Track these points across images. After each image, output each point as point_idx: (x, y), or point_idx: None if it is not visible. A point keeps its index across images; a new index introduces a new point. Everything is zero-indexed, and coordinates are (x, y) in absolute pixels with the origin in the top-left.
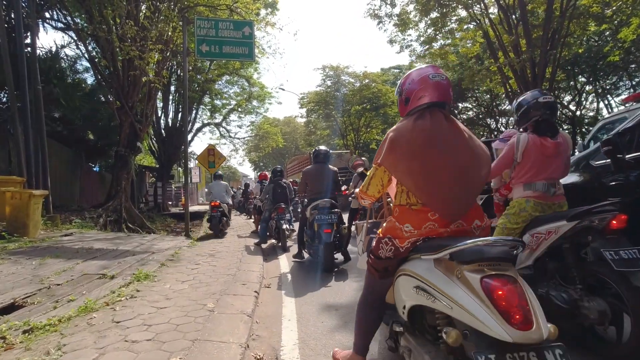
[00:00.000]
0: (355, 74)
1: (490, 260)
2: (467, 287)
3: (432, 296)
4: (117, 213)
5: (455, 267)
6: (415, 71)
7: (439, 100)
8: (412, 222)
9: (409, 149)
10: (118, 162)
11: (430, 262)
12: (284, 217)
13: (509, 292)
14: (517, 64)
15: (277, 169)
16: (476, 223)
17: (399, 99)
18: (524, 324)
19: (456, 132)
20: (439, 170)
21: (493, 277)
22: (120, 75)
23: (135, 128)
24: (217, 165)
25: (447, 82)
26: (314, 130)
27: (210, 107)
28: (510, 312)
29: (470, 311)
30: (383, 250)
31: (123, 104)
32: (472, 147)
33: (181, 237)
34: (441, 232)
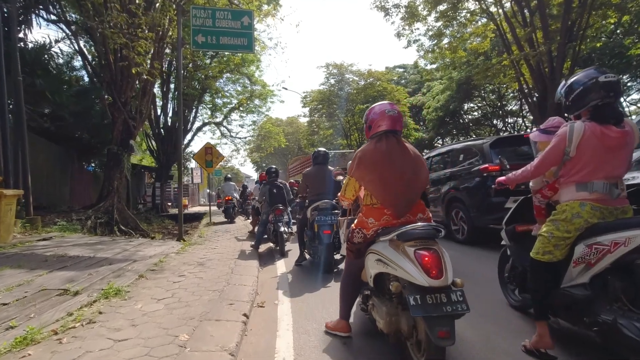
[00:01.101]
0: (360, 72)
1: (421, 238)
2: (406, 256)
3: (386, 265)
4: (109, 215)
5: (400, 244)
6: (377, 106)
7: (392, 129)
8: (374, 217)
9: (370, 165)
10: (110, 160)
11: (386, 242)
12: (282, 219)
13: (432, 258)
14: (533, 58)
15: (272, 169)
16: (419, 216)
17: (365, 125)
18: (437, 276)
19: (404, 152)
20: (391, 179)
21: (422, 249)
22: (112, 69)
23: (129, 125)
24: (215, 165)
25: (399, 115)
26: (317, 130)
27: (211, 105)
28: (430, 269)
29: (407, 270)
30: (356, 237)
31: (115, 100)
32: (415, 161)
33: (172, 242)
34: (394, 223)
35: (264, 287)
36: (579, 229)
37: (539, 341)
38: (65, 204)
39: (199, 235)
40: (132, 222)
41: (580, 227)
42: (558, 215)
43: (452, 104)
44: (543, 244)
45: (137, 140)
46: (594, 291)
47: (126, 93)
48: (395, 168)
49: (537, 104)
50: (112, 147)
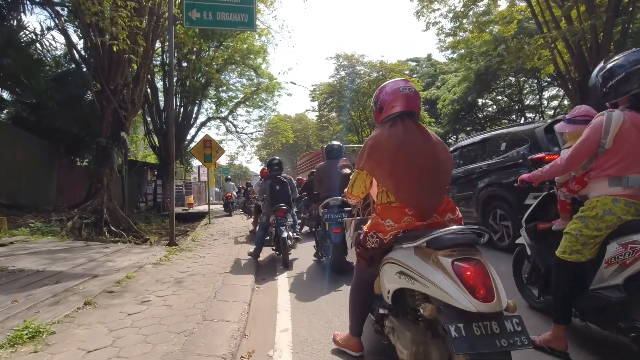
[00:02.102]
0: (372, 64)
1: (459, 246)
2: (440, 269)
3: (412, 279)
4: (97, 214)
5: (431, 253)
6: (389, 84)
7: (408, 110)
8: (392, 218)
9: (385, 154)
10: (99, 155)
11: (410, 250)
12: (285, 222)
13: (475, 272)
14: (573, 36)
15: (274, 160)
16: (449, 216)
17: (375, 107)
18: (486, 298)
19: (425, 137)
20: (412, 171)
21: (462, 260)
22: (100, 52)
23: (120, 116)
24: (215, 159)
25: (416, 94)
26: (327, 125)
27: (216, 99)
28: (476, 288)
29: (443, 288)
30: (370, 243)
31: (104, 87)
32: (438, 149)
33: (157, 248)
34: (418, 225)
35: (256, 322)
36: (611, 226)
37: (552, 341)
38: (50, 203)
39: (193, 239)
40: (125, 223)
41: (612, 225)
42: (587, 211)
43: (470, 96)
44: (570, 242)
45: (131, 133)
46: (630, 293)
47: (116, 80)
48: (417, 157)
49: (577, 89)
50: (101, 140)
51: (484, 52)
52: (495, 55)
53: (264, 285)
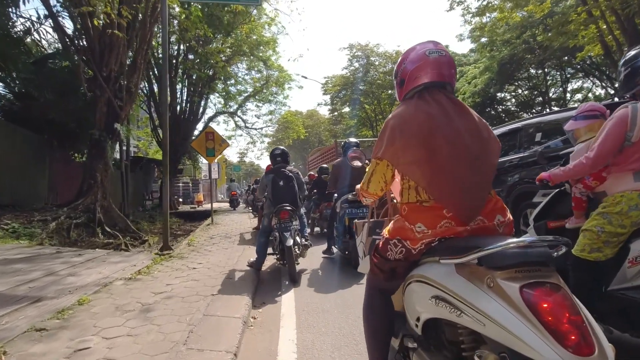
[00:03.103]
0: (387, 54)
1: (529, 265)
2: (502, 299)
3: (457, 309)
4: (90, 214)
5: (486, 274)
6: (412, 48)
7: (439, 80)
8: (424, 221)
9: (413, 138)
10: (92, 148)
11: (451, 267)
12: (289, 226)
13: (557, 304)
14: (626, 8)
15: (277, 151)
16: (499, 219)
17: (395, 81)
18: (582, 347)
19: (464, 115)
20: (450, 160)
21: (534, 287)
22: (91, 34)
23: (114, 106)
24: (218, 153)
25: (448, 58)
26: (340, 119)
27: (224, 93)
28: (563, 331)
29: (510, 329)
30: (392, 253)
31: (96, 74)
32: (482, 129)
33: (141, 256)
34: (460, 231)
35: None
36: (637, 222)
37: None
38: (41, 202)
39: (189, 243)
40: (122, 223)
41: (638, 221)
42: (611, 207)
43: (493, 87)
44: (591, 240)
45: (133, 127)
46: None
47: (109, 66)
48: (454, 140)
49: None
50: (94, 132)
51: (506, 40)
52: (521, 43)
53: (262, 311)
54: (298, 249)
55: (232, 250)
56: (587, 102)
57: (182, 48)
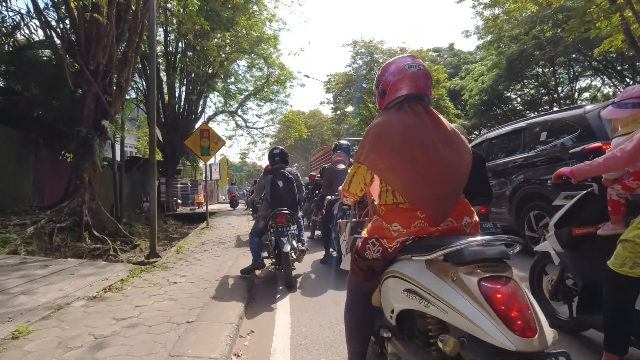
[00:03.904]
0: (391, 52)
1: (487, 261)
2: (463, 291)
3: (425, 300)
4: (76, 217)
5: (450, 269)
6: (392, 62)
7: (417, 92)
8: (400, 222)
9: (392, 146)
10: (80, 147)
11: (421, 263)
12: (287, 230)
13: (509, 295)
14: None
15: (275, 150)
16: (466, 220)
17: (377, 91)
18: (526, 330)
19: (438, 126)
20: (425, 168)
21: (491, 280)
22: (76, 23)
23: (103, 102)
24: (214, 152)
25: (425, 72)
26: (343, 118)
27: (224, 92)
28: (512, 317)
29: (468, 317)
30: (370, 252)
31: (82, 67)
32: (455, 141)
33: (119, 266)
34: (431, 231)
35: None
36: None
37: None
38: (25, 204)
39: (177, 250)
40: (111, 226)
41: None
42: None
43: (501, 84)
44: (633, 253)
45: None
46: None
47: (97, 59)
48: (429, 149)
49: None
50: (81, 129)
51: (514, 36)
52: (530, 38)
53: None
54: (294, 254)
55: (224, 258)
56: (635, 86)
57: (180, 45)
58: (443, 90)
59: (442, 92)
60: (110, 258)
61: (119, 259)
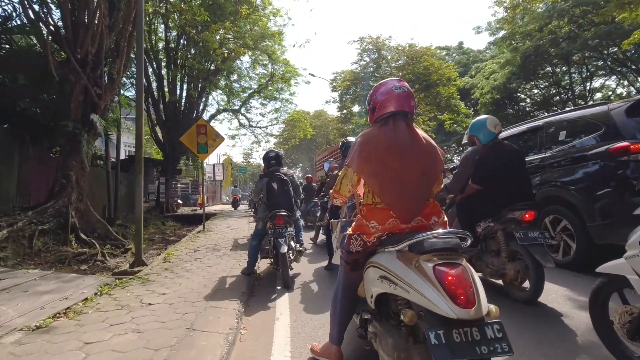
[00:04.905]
0: (399, 49)
1: (442, 250)
2: (422, 274)
3: (393, 284)
4: (61, 218)
5: (413, 258)
6: (381, 84)
7: (401, 110)
8: (377, 219)
9: (372, 153)
10: (66, 143)
11: (393, 253)
12: (284, 232)
13: (457, 277)
14: None
15: (271, 153)
16: (434, 219)
17: (368, 108)
18: (467, 304)
19: (415, 139)
20: (399, 172)
21: (444, 265)
22: (62, 6)
23: (92, 94)
24: (211, 150)
25: (409, 93)
26: (349, 117)
27: (227, 89)
28: (457, 294)
29: (424, 294)
30: (353, 246)
31: (69, 56)
32: (428, 150)
33: (89, 279)
34: (403, 227)
35: None
36: None
37: None
38: (8, 204)
39: (165, 258)
40: (101, 228)
41: None
42: None
43: (515, 82)
44: None
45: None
46: None
47: (85, 47)
48: (405, 158)
49: None
50: (67, 123)
51: (528, 33)
52: (547, 33)
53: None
54: (292, 254)
55: (216, 269)
56: None
57: (182, 42)
58: (454, 88)
59: (452, 91)
60: (97, 264)
61: (107, 264)
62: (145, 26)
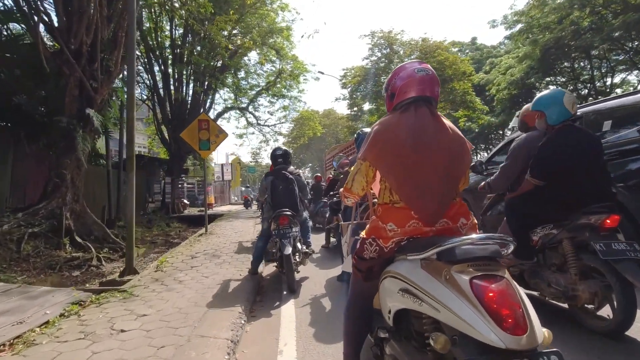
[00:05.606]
0: (412, 43)
1: (479, 259)
2: (455, 289)
3: (418, 299)
4: (54, 220)
5: (443, 268)
6: (400, 67)
7: (424, 95)
8: (395, 221)
9: (392, 144)
10: (61, 140)
11: (416, 262)
12: (289, 232)
13: (501, 293)
14: None
15: (278, 151)
16: (462, 221)
17: (386, 94)
18: (516, 328)
19: (440, 129)
20: (420, 168)
21: (483, 278)
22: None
23: (88, 88)
24: (214, 146)
25: (433, 76)
26: (359, 114)
27: (235, 87)
28: (502, 315)
29: (459, 315)
30: (367, 252)
31: (62, 47)
32: (455, 141)
33: (59, 295)
34: (426, 231)
35: None
36: None
37: None
38: (1, 204)
39: (158, 266)
40: (99, 231)
41: None
42: None
43: (534, 76)
44: None
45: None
46: None
47: (79, 37)
48: (428, 149)
49: None
50: (60, 119)
51: (546, 25)
52: (568, 24)
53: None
54: (298, 257)
55: (212, 280)
56: None
57: (188, 39)
58: (469, 84)
59: (467, 86)
60: (91, 269)
61: (102, 270)
62: (150, 23)
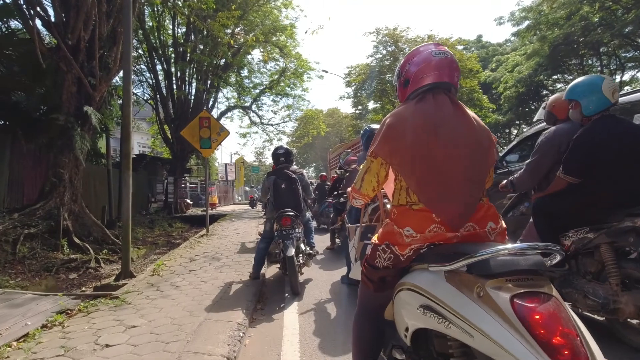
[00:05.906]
0: (418, 40)
1: (521, 273)
2: (492, 310)
3: (445, 319)
4: (51, 221)
5: (475, 283)
6: (415, 51)
7: (442, 81)
8: (413, 225)
9: (408, 137)
10: (58, 138)
11: (440, 274)
12: (291, 233)
13: (550, 316)
14: None
15: (279, 150)
16: (490, 226)
17: (398, 82)
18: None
19: (462, 118)
20: (442, 164)
21: (526, 297)
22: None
23: (86, 85)
24: (215, 145)
25: (452, 60)
26: (364, 113)
27: (238, 86)
28: (555, 345)
29: (500, 342)
30: (380, 260)
31: (60, 43)
32: (480, 136)
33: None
34: (449, 237)
35: None
36: None
37: None
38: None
39: (155, 270)
40: (98, 232)
41: None
42: None
43: (542, 73)
44: None
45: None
46: None
47: (77, 33)
48: (451, 144)
49: None
50: (57, 116)
51: (554, 22)
52: (578, 19)
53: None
54: (302, 258)
55: (211, 285)
56: None
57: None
58: (475, 81)
59: (474, 84)
60: (89, 271)
61: (100, 272)
62: (153, 22)
